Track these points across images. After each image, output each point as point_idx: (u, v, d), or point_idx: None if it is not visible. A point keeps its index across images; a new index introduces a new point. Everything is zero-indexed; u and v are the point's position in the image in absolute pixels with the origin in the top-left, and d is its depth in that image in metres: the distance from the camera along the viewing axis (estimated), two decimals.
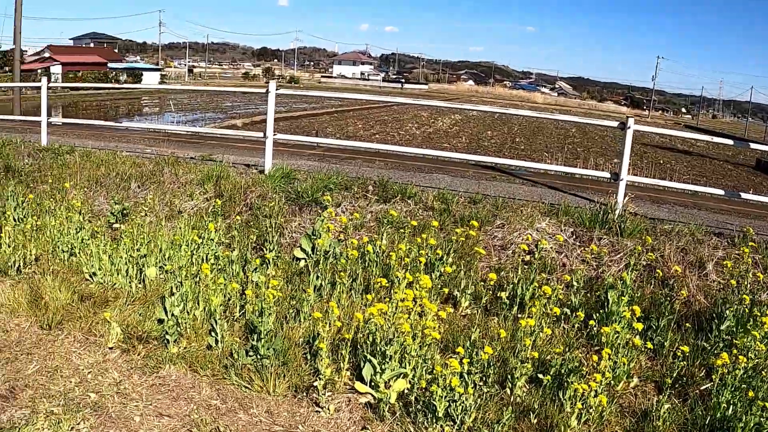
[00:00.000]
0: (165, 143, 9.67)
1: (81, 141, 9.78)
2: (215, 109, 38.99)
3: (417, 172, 8.08)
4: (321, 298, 4.62)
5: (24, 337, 4.04)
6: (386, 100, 9.37)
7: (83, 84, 47.22)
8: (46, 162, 8.02)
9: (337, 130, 27.01)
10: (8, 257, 5.10)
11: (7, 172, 7.54)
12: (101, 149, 8.78)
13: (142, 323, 4.16)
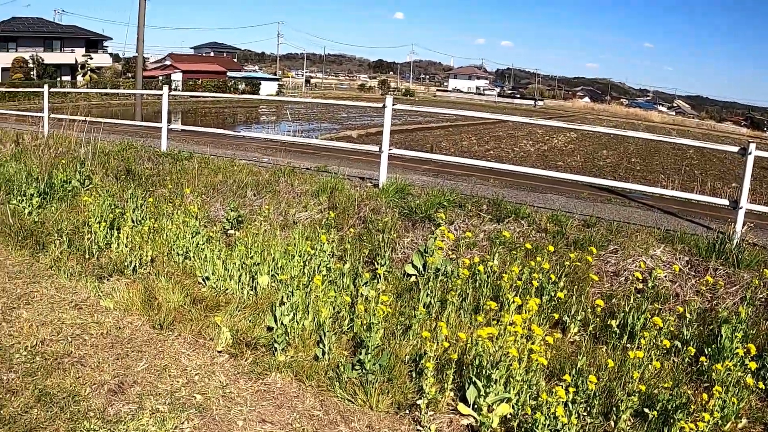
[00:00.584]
0: (281, 153, 12.12)
1: (199, 147, 12.45)
2: (331, 119, 50.37)
3: (531, 192, 9.81)
4: (429, 316, 5.82)
5: (136, 335, 5.47)
6: (505, 118, 10.98)
7: (203, 93, 62.52)
8: (166, 167, 10.46)
9: (451, 144, 33.38)
10: (125, 257, 6.88)
11: (128, 174, 10.08)
12: (219, 157, 11.17)
13: (252, 330, 5.50)
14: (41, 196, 9.18)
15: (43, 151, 11.88)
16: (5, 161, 12.03)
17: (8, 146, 13.69)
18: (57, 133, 13.51)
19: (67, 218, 8.49)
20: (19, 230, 8.05)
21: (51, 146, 12.18)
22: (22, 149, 12.97)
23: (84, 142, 11.49)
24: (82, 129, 13.18)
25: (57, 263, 7.06)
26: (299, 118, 50.03)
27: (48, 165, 10.51)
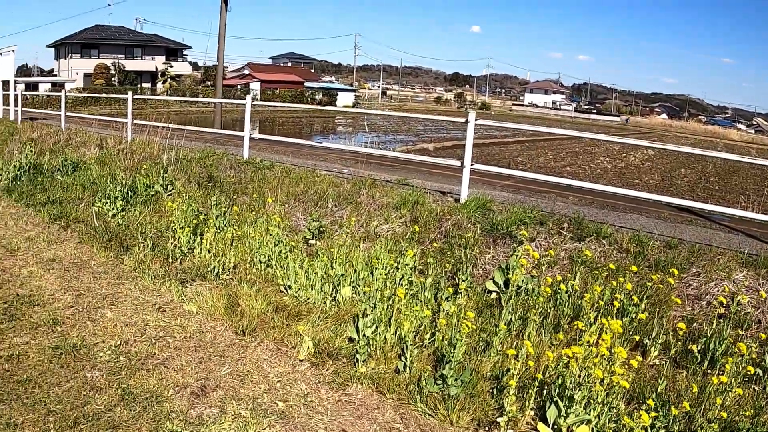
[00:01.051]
0: (360, 164, 12.40)
1: (279, 157, 12.82)
2: (407, 131, 51.92)
3: (611, 210, 9.80)
4: (509, 333, 5.86)
5: (218, 339, 5.66)
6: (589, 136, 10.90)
7: (283, 104, 63.54)
8: (247, 175, 10.82)
9: (527, 159, 34.14)
10: (208, 262, 7.15)
11: (210, 181, 10.46)
12: (299, 166, 11.51)
13: (333, 340, 5.63)
14: (125, 200, 9.59)
15: (126, 155, 12.38)
16: (90, 164, 12.59)
17: (92, 150, 14.31)
18: (140, 139, 14.06)
19: (150, 222, 8.87)
20: (104, 232, 8.44)
21: (134, 151, 12.70)
22: (106, 153, 13.55)
23: (166, 149, 11.91)
24: (164, 135, 13.70)
25: (141, 266, 7.37)
26: (375, 129, 51.43)
27: (131, 169, 10.97)
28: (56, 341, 5.53)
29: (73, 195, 10.71)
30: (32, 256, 7.89)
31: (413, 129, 55.30)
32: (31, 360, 5.20)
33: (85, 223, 9.06)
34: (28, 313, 6.13)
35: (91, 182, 11.29)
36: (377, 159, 13.94)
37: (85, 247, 8.17)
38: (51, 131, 18.84)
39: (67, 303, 6.41)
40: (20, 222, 9.49)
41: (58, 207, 9.92)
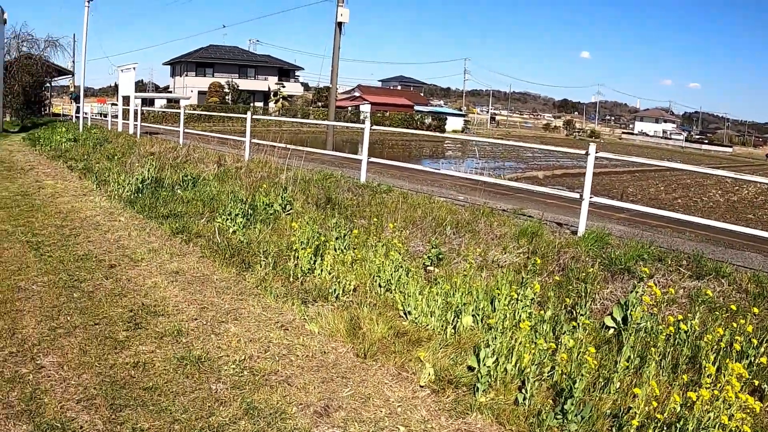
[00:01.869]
0: (474, 191, 12.75)
1: (393, 181, 13.29)
2: (516, 158, 52.95)
3: (728, 248, 9.64)
4: (627, 371, 5.83)
5: (340, 361, 5.84)
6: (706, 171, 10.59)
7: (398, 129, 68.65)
8: (365, 199, 11.13)
9: (638, 191, 34.69)
10: (329, 284, 7.41)
11: (328, 203, 10.80)
12: (416, 192, 11.84)
13: (453, 368, 5.72)
14: (245, 217, 9.96)
15: (244, 173, 12.85)
16: (209, 180, 13.14)
17: (211, 166, 14.92)
18: (257, 158, 14.56)
19: (270, 240, 9.17)
20: (226, 248, 8.81)
21: (252, 170, 13.19)
22: (224, 170, 14.11)
23: (285, 169, 12.34)
24: (281, 155, 14.16)
25: (263, 283, 7.68)
26: (485, 155, 52.70)
27: (250, 188, 11.39)
28: (181, 352, 5.84)
29: (194, 210, 11.22)
30: (156, 267, 8.33)
31: (522, 156, 56.47)
32: (156, 368, 5.51)
33: (206, 238, 9.48)
34: (153, 322, 6.51)
35: (210, 198, 11.80)
36: (492, 187, 14.00)
37: (207, 262, 8.55)
38: (169, 146, 19.78)
39: (191, 315, 6.73)
40: (143, 233, 10.03)
41: (180, 221, 10.42)
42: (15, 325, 6.30)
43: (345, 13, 33.14)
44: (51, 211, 11.75)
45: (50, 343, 5.92)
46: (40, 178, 16.35)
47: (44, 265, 8.31)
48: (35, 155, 22.65)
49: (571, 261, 8.50)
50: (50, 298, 7.09)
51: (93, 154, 20.52)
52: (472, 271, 7.88)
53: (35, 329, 6.21)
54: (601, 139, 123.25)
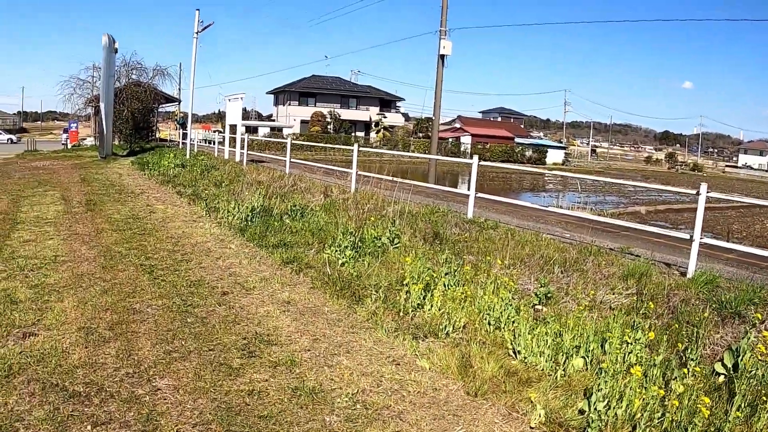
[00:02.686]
0: (580, 228, 12.84)
1: (498, 216, 13.42)
2: (617, 192, 52.87)
3: None
4: (737, 420, 5.71)
5: (451, 398, 5.92)
6: None
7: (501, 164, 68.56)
8: (472, 234, 11.26)
9: (743, 227, 33.80)
10: (438, 320, 7.51)
11: (435, 238, 10.94)
12: (521, 228, 11.94)
13: (563, 410, 5.74)
14: (354, 249, 10.17)
15: (351, 205, 13.13)
16: (316, 211, 13.48)
17: (318, 197, 15.30)
18: (364, 190, 14.84)
19: (378, 273, 9.33)
20: (337, 280, 9.03)
21: (359, 201, 13.44)
22: (331, 201, 14.42)
23: (392, 202, 12.56)
24: (386, 187, 14.41)
25: (374, 317, 7.84)
26: (586, 188, 52.53)
27: (358, 220, 11.63)
28: (295, 382, 6.03)
29: (302, 240, 11.51)
30: (267, 296, 8.60)
31: (623, 190, 56.58)
32: (270, 397, 5.70)
33: (316, 269, 9.73)
34: (267, 351, 6.72)
35: (318, 229, 12.10)
36: (597, 223, 13.89)
37: (318, 293, 8.78)
38: (276, 175, 20.36)
39: (303, 346, 6.93)
40: (254, 262, 10.37)
41: (290, 251, 10.71)
42: (131, 346, 6.64)
43: (447, 45, 33.62)
44: (162, 235, 12.28)
45: (165, 366, 6.21)
46: (151, 202, 17.10)
47: (158, 288, 8.72)
48: (144, 179, 23.66)
49: (681, 304, 8.40)
50: (165, 321, 7.43)
51: (201, 180, 21.29)
52: (582, 312, 7.88)
53: (150, 351, 6.53)
54: (704, 172, 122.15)
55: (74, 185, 21.52)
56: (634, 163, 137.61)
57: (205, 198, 16.66)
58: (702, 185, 9.72)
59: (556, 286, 9.14)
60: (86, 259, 10.23)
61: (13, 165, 31.76)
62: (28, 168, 29.54)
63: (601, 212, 28.68)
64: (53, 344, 6.57)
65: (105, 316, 7.52)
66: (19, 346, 6.52)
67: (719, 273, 9.43)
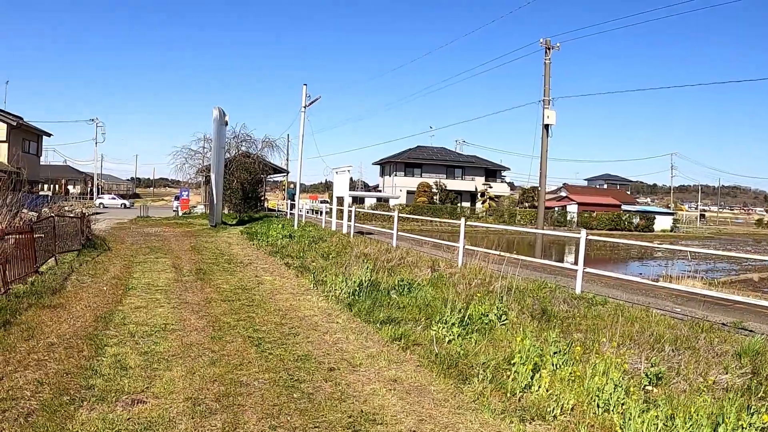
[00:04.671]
0: (690, 301, 12.78)
1: (607, 290, 13.33)
2: (728, 259, 51.04)
3: None
4: None
5: None
6: None
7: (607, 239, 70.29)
8: (581, 311, 11.09)
9: None
10: (546, 402, 7.37)
11: (543, 315, 10.83)
12: (630, 303, 11.76)
13: None
14: (461, 326, 10.12)
15: (458, 280, 13.12)
16: (423, 285, 13.50)
17: (425, 271, 15.34)
18: (470, 263, 14.81)
19: (485, 351, 9.26)
20: (444, 358, 8.98)
21: (465, 276, 13.42)
22: (438, 276, 14.43)
23: (500, 277, 12.52)
24: (493, 260, 14.35)
25: (480, 397, 7.74)
26: (695, 255, 50.85)
27: (465, 295, 11.60)
28: None
29: (409, 316, 11.52)
30: (374, 373, 8.61)
31: (735, 256, 54.32)
32: None
33: (423, 347, 9.70)
34: (372, 431, 6.72)
35: (425, 304, 12.11)
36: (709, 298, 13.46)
37: (425, 371, 8.74)
38: (383, 248, 20.56)
39: (409, 426, 6.90)
40: (360, 337, 10.43)
41: (397, 327, 10.73)
42: (237, 419, 6.77)
43: (551, 115, 33.74)
44: (270, 307, 12.53)
45: None
46: (259, 273, 17.51)
47: (265, 362, 8.88)
48: (253, 249, 24.28)
49: None
50: (271, 395, 7.54)
51: (308, 251, 21.70)
52: (688, 392, 7.66)
53: (256, 426, 6.64)
54: None
55: (185, 253, 22.33)
56: (745, 227, 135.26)
57: (312, 270, 16.97)
58: None
59: (667, 365, 8.80)
60: (195, 328, 10.56)
61: (127, 230, 33.28)
62: (141, 234, 30.88)
63: (712, 281, 27.65)
64: (161, 413, 6.80)
65: (212, 387, 7.72)
66: (128, 412, 6.76)
67: None
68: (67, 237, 20.37)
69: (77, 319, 10.85)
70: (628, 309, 11.29)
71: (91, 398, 7.13)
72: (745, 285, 31.57)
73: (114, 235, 29.12)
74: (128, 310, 11.68)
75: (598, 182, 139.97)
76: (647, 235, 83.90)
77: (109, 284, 14.64)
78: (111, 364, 8.38)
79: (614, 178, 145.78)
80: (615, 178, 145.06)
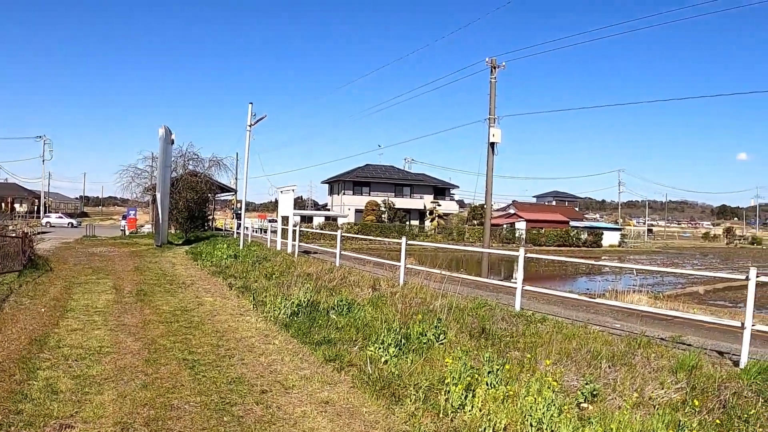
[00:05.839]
0: (630, 317, 12.84)
1: (548, 307, 13.35)
2: (656, 273, 50.82)
3: None
4: None
5: None
6: None
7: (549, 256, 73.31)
8: (519, 328, 11.07)
9: None
10: (479, 421, 7.24)
11: (482, 333, 10.75)
12: (570, 320, 11.78)
13: None
14: (398, 347, 10.04)
15: (398, 300, 13.00)
16: (363, 305, 13.37)
17: (366, 290, 15.22)
18: (412, 282, 14.72)
19: (421, 372, 9.17)
20: (377, 379, 8.86)
21: (406, 296, 13.33)
22: (379, 295, 14.31)
23: (440, 296, 12.47)
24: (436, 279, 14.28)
25: (412, 419, 7.62)
26: (641, 271, 51.62)
27: (404, 315, 11.50)
28: None
29: (347, 336, 11.41)
30: (306, 395, 8.49)
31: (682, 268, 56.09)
32: None
33: (357, 367, 9.59)
34: None
35: (364, 324, 12.00)
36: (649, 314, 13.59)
37: (358, 393, 8.63)
38: (326, 267, 20.40)
39: None
40: (296, 359, 10.27)
41: (333, 348, 10.62)
42: None
43: (497, 133, 34.15)
44: (208, 329, 12.30)
45: None
46: (200, 294, 17.24)
47: (198, 384, 8.71)
48: (196, 269, 23.98)
49: (732, 397, 8.05)
50: (201, 419, 7.38)
51: (252, 271, 21.46)
52: (616, 406, 7.72)
53: None
54: (763, 245, 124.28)
55: (127, 274, 21.96)
56: (692, 240, 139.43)
57: (253, 291, 16.74)
58: (751, 270, 9.48)
59: (603, 382, 8.86)
60: (131, 351, 10.35)
61: (72, 250, 32.67)
62: (85, 254, 30.31)
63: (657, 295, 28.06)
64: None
65: (142, 411, 7.53)
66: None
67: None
68: (7, 257, 19.83)
69: (11, 342, 10.60)
70: (567, 326, 11.34)
71: (19, 423, 6.94)
72: (691, 298, 32.15)
73: (58, 256, 28.52)
74: (64, 332, 11.38)
75: (547, 199, 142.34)
76: (596, 250, 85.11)
77: (48, 306, 14.26)
78: (42, 388, 8.18)
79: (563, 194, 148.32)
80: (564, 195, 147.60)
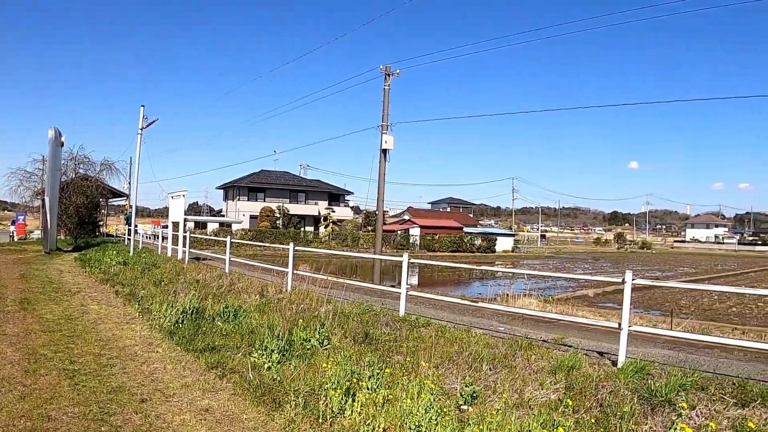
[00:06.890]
0: (517, 321, 13.01)
1: (435, 312, 13.43)
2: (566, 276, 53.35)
3: None
4: None
5: None
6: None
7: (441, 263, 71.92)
8: (403, 333, 11.15)
9: (690, 302, 35.21)
10: (357, 426, 7.25)
11: (366, 338, 10.78)
12: (455, 324, 11.87)
13: None
14: (281, 353, 10.01)
15: (285, 306, 12.97)
16: (250, 312, 13.27)
17: (253, 297, 15.09)
18: (300, 289, 14.70)
19: (303, 377, 9.17)
20: (258, 386, 8.82)
21: (293, 302, 13.30)
22: (266, 301, 14.23)
23: (325, 301, 12.48)
24: (325, 285, 14.30)
25: (291, 424, 7.59)
26: (534, 276, 52.83)
27: (289, 321, 11.48)
28: None
29: (232, 343, 11.30)
30: (187, 403, 8.36)
31: (573, 273, 58.89)
32: None
33: (240, 374, 9.51)
34: None
35: (249, 331, 11.91)
36: (534, 317, 14.02)
37: (239, 400, 8.55)
38: (215, 274, 20.14)
39: None
40: (178, 367, 10.09)
41: (216, 355, 10.50)
42: None
43: (389, 140, 34.51)
44: (92, 338, 11.96)
45: None
46: (86, 302, 16.72)
47: (77, 395, 8.45)
48: (84, 277, 23.26)
49: (609, 396, 8.30)
50: (78, 430, 7.21)
51: (140, 278, 20.98)
52: (497, 408, 7.83)
53: None
54: (653, 249, 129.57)
55: (12, 282, 21.10)
56: (584, 246, 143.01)
57: (140, 298, 16.34)
58: (627, 273, 9.85)
59: (484, 384, 9.01)
60: (10, 361, 9.97)
61: None
62: None
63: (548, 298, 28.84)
64: None
65: (19, 423, 7.29)
66: None
67: (653, 357, 9.57)
68: None
69: None
70: (450, 330, 11.47)
71: None
72: (581, 301, 33.28)
73: None
74: None
75: (442, 205, 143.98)
76: (489, 255, 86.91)
77: None
78: None
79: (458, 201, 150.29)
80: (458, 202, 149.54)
